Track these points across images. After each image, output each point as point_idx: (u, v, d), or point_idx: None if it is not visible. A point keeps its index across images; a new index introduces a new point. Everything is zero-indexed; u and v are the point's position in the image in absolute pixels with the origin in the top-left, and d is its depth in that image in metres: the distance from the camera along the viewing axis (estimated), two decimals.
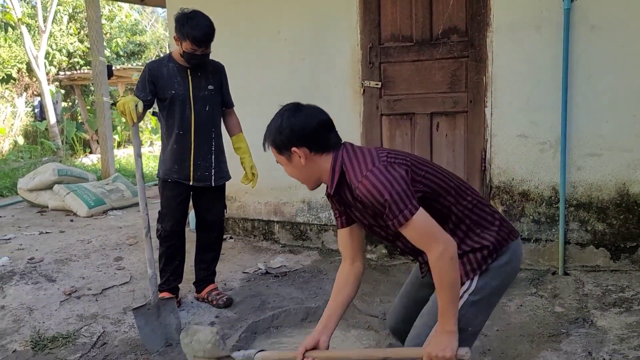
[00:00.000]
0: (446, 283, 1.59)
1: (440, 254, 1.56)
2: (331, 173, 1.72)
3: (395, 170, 1.62)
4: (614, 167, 3.39)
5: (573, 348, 2.57)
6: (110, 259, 4.16)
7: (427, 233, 1.59)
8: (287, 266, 4.00)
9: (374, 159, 1.66)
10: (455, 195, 1.72)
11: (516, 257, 1.76)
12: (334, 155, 1.73)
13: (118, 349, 2.79)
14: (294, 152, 1.73)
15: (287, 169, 1.82)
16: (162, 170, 3.16)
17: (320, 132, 1.73)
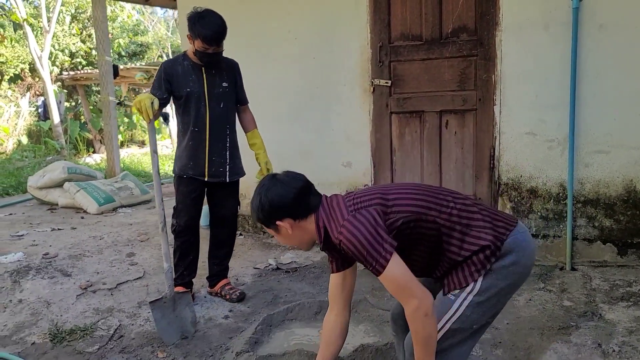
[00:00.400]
0: (420, 338, 1.63)
1: (415, 309, 1.59)
2: (317, 232, 1.78)
3: (363, 216, 1.66)
4: (621, 164, 3.44)
5: (583, 340, 2.62)
6: (123, 254, 4.21)
7: (400, 286, 1.62)
8: (298, 262, 4.05)
9: (343, 211, 1.71)
10: (436, 207, 1.73)
11: (526, 253, 1.74)
12: (316, 215, 1.78)
13: (135, 342, 2.85)
14: (279, 225, 1.79)
15: (279, 238, 1.88)
16: (177, 167, 3.21)
17: (299, 200, 1.78)
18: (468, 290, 1.70)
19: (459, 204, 1.75)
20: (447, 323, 1.71)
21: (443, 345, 1.72)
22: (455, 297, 1.72)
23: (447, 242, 1.72)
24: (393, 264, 1.60)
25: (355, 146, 4.19)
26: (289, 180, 1.82)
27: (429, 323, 1.61)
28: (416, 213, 1.71)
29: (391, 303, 3.17)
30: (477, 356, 2.60)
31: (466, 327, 1.71)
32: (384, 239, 1.62)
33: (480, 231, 1.70)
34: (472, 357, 2.56)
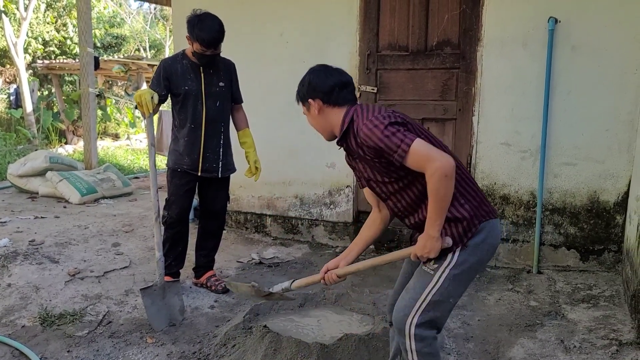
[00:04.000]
0: (435, 195, 1.77)
1: (436, 168, 1.74)
2: (341, 124, 1.97)
3: (397, 117, 1.87)
4: (587, 176, 3.70)
5: (547, 336, 2.85)
6: (109, 244, 4.27)
7: (424, 155, 1.77)
8: (280, 257, 4.18)
9: (381, 110, 1.91)
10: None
11: (492, 235, 1.92)
12: (347, 110, 1.97)
13: (123, 327, 2.94)
14: (310, 102, 2.02)
15: (308, 118, 2.09)
16: (171, 160, 3.31)
17: (334, 88, 1.98)
18: (445, 264, 1.87)
19: (463, 175, 1.92)
20: (430, 294, 1.88)
21: (426, 317, 1.89)
22: (434, 272, 1.88)
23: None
24: (417, 142, 1.76)
25: (340, 148, 4.32)
26: (334, 71, 2.04)
27: (446, 183, 1.75)
28: None
29: (370, 298, 3.35)
30: (451, 349, 2.79)
31: (444, 299, 1.89)
32: (408, 131, 1.80)
33: (465, 204, 1.88)
34: (445, 349, 2.76)
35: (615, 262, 3.71)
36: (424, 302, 1.89)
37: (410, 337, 1.90)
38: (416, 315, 1.89)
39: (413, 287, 1.93)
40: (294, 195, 4.59)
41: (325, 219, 4.51)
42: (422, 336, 1.90)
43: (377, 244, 4.32)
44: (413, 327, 1.89)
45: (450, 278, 1.87)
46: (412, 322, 1.89)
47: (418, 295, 1.89)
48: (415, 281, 1.94)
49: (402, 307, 1.93)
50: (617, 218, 3.66)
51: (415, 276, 1.94)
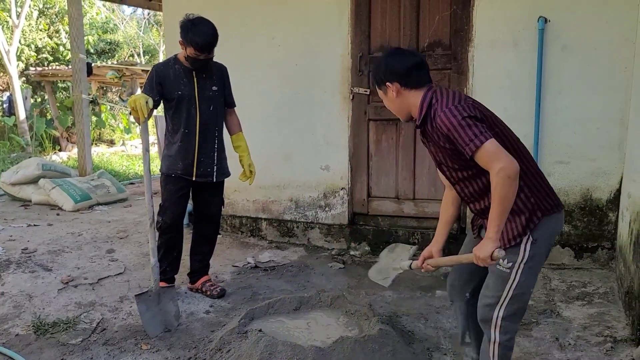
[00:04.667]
0: (498, 196, 1.82)
1: (499, 170, 1.80)
2: (420, 107, 2.01)
3: (475, 110, 1.90)
4: (580, 174, 3.72)
5: (542, 334, 2.85)
6: (103, 251, 4.25)
7: (493, 154, 1.82)
8: (275, 261, 4.17)
9: (461, 100, 1.94)
10: (519, 155, 1.93)
11: (557, 228, 2.04)
12: (424, 93, 2.00)
13: (118, 334, 2.92)
14: (388, 86, 2.05)
15: (385, 101, 2.16)
16: (165, 166, 3.30)
17: (411, 71, 2.02)
18: (519, 261, 1.96)
19: (532, 168, 1.98)
20: (510, 291, 1.98)
21: (511, 310, 2.00)
22: (509, 270, 1.97)
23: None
24: (489, 143, 1.81)
25: (334, 150, 4.36)
26: (408, 53, 2.10)
27: (509, 184, 1.80)
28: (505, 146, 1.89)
29: (366, 300, 3.35)
30: (447, 349, 2.79)
31: (525, 290, 2.00)
32: (486, 129, 1.84)
33: (532, 196, 1.94)
34: (442, 349, 2.76)
35: (609, 259, 3.72)
36: (507, 297, 1.99)
37: (496, 328, 2.02)
38: (502, 309, 2.00)
39: (493, 286, 2.02)
40: (289, 199, 4.59)
41: (321, 221, 4.50)
42: (507, 329, 2.02)
43: (373, 246, 4.32)
44: (500, 320, 2.01)
45: (526, 272, 1.97)
46: (499, 315, 2.01)
47: (500, 292, 2.00)
48: (493, 280, 2.03)
49: (485, 304, 2.04)
50: (610, 215, 3.68)
51: (492, 276, 2.04)
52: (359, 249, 4.37)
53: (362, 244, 4.36)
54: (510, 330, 2.04)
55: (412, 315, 3.12)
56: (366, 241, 4.35)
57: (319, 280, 3.76)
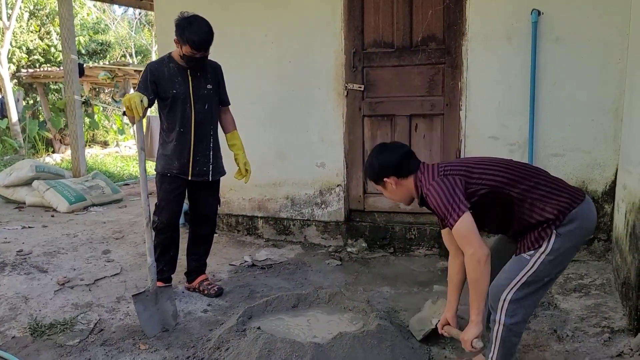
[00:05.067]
0: (471, 280, 2.05)
1: (470, 255, 2.02)
2: (416, 190, 2.27)
3: (448, 181, 2.11)
4: (575, 166, 3.73)
5: (540, 327, 2.85)
6: (99, 252, 4.23)
7: (464, 237, 2.04)
8: (272, 259, 4.16)
9: (434, 173, 2.18)
10: (512, 183, 2.10)
11: (587, 220, 2.09)
12: (415, 176, 2.26)
13: (116, 335, 2.89)
14: (385, 181, 2.30)
15: (385, 193, 2.38)
16: (160, 165, 3.28)
17: (402, 162, 2.28)
18: (541, 251, 2.06)
19: (532, 181, 2.10)
20: (524, 277, 2.06)
21: (520, 294, 2.07)
22: (530, 257, 2.07)
23: (519, 210, 2.10)
24: (463, 220, 2.02)
25: (329, 147, 4.35)
26: (394, 147, 2.35)
27: (479, 269, 2.01)
28: (494, 187, 2.11)
29: (364, 296, 3.35)
30: (445, 342, 2.79)
31: (539, 279, 2.08)
32: (460, 201, 2.05)
33: (547, 205, 2.05)
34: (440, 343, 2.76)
35: (605, 251, 3.73)
36: (519, 282, 2.07)
37: (502, 310, 2.09)
38: (511, 292, 2.07)
39: (509, 269, 2.11)
40: (285, 196, 4.58)
41: (317, 218, 4.50)
42: (513, 312, 2.08)
43: (370, 243, 4.32)
44: (507, 303, 2.08)
45: (545, 263, 2.05)
46: (507, 297, 2.08)
47: (513, 276, 2.08)
48: (511, 264, 2.12)
49: (498, 285, 2.11)
50: (606, 207, 3.69)
51: (513, 260, 2.13)
52: (355, 245, 4.37)
53: (359, 240, 4.36)
54: (517, 315, 2.09)
55: (410, 310, 3.11)
56: (363, 238, 4.35)
57: (317, 278, 3.76)
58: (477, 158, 2.29)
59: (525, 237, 2.13)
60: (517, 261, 2.11)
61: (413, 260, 4.08)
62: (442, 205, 2.06)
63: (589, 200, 2.11)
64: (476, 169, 2.15)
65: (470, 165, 2.18)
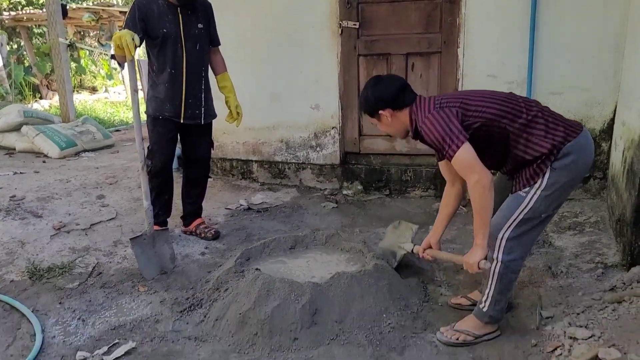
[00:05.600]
0: (477, 207, 2.01)
1: (475, 182, 1.97)
2: (410, 123, 2.23)
3: (445, 113, 2.06)
4: (573, 104, 3.67)
5: (535, 264, 2.89)
6: (93, 197, 4.20)
7: (467, 165, 2.00)
8: (268, 202, 4.15)
9: (430, 106, 2.13)
10: (510, 117, 2.06)
11: (583, 153, 2.05)
12: (410, 109, 2.21)
13: (115, 278, 2.92)
14: (381, 114, 2.25)
15: (380, 126, 2.34)
16: (152, 108, 3.19)
17: (398, 95, 2.21)
18: (536, 187, 2.04)
19: (530, 116, 2.05)
20: (520, 214, 2.06)
21: (517, 232, 2.08)
22: (525, 194, 2.06)
23: (514, 146, 2.07)
24: (463, 149, 1.99)
25: (323, 89, 4.25)
26: (389, 80, 2.28)
27: (485, 195, 1.98)
28: (491, 120, 2.07)
29: (360, 237, 3.37)
30: (441, 281, 2.83)
31: (536, 216, 2.07)
32: (459, 131, 2.01)
33: (541, 140, 2.02)
34: (436, 281, 2.80)
35: (600, 189, 3.75)
36: (515, 220, 2.07)
37: (500, 248, 2.10)
38: (508, 230, 2.08)
39: (507, 207, 2.10)
40: (279, 140, 4.52)
41: (312, 162, 4.46)
42: (510, 250, 2.10)
43: (366, 185, 4.31)
44: (504, 240, 2.09)
45: (541, 199, 2.04)
46: (504, 235, 2.09)
47: (511, 213, 2.08)
48: (508, 202, 2.11)
49: (495, 223, 2.10)
50: (603, 145, 3.67)
51: (509, 198, 2.13)
52: (351, 188, 4.36)
53: (355, 183, 4.34)
54: (514, 252, 2.11)
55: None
56: (359, 180, 4.33)
57: (313, 220, 3.77)
58: (475, 91, 2.22)
59: (520, 174, 2.11)
60: (513, 199, 2.10)
61: (409, 202, 4.09)
62: (440, 136, 2.03)
63: (586, 133, 2.08)
64: (473, 102, 2.11)
65: (467, 98, 2.13)
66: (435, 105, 2.13)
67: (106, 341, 2.32)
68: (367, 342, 2.27)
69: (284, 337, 2.30)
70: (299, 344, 2.28)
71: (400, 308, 2.52)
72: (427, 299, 2.66)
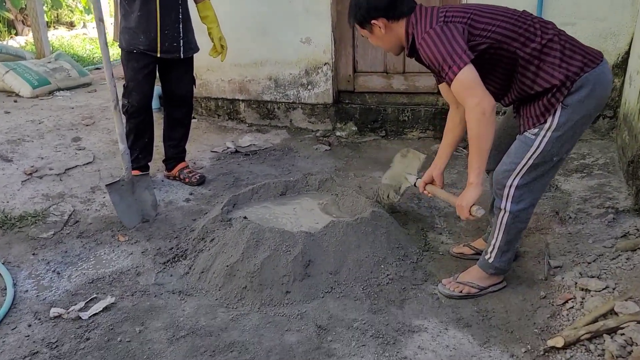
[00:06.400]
0: (474, 135, 1.76)
1: (474, 105, 1.71)
2: (406, 37, 1.92)
3: (449, 30, 1.76)
4: (587, 36, 3.38)
5: (542, 209, 2.73)
6: (68, 139, 3.95)
7: (467, 87, 1.73)
8: (257, 145, 3.94)
9: (432, 20, 1.81)
10: (522, 40, 1.79)
11: (600, 86, 1.79)
12: (407, 20, 1.90)
13: (92, 226, 2.73)
14: (373, 24, 1.94)
15: (372, 39, 2.03)
16: (125, 40, 2.91)
17: (394, 1, 1.89)
18: (546, 127, 1.81)
19: (544, 40, 1.79)
20: (530, 159, 1.85)
21: (527, 179, 1.87)
22: (535, 136, 1.83)
23: (522, 74, 1.82)
24: (465, 70, 1.71)
25: (314, 20, 3.93)
26: None
27: (484, 121, 1.73)
28: (499, 41, 1.80)
29: (355, 182, 3.18)
30: (442, 228, 2.67)
31: (547, 160, 1.85)
32: (463, 50, 1.73)
33: (555, 69, 1.77)
34: (437, 228, 2.63)
35: (609, 129, 3.54)
36: (525, 165, 1.86)
37: (508, 198, 1.91)
38: (517, 177, 1.88)
39: (515, 152, 1.89)
40: (268, 77, 4.23)
41: (303, 101, 4.20)
42: (520, 199, 1.90)
43: (360, 126, 4.08)
44: (513, 189, 1.89)
45: (552, 140, 1.82)
46: (513, 183, 1.89)
47: (519, 159, 1.86)
48: (516, 146, 1.89)
49: (502, 170, 1.91)
50: (615, 81, 3.43)
51: (517, 141, 1.90)
52: (345, 129, 4.13)
53: (349, 124, 4.11)
54: (523, 200, 1.91)
55: (404, 196, 2.95)
56: (353, 121, 4.09)
57: (305, 164, 3.57)
58: (485, 6, 1.88)
59: (526, 110, 1.86)
60: (521, 142, 1.87)
61: (406, 144, 3.88)
62: (440, 55, 1.75)
63: (605, 64, 1.81)
64: (482, 18, 1.82)
65: (476, 13, 1.83)
66: (439, 18, 1.82)
67: (83, 296, 2.16)
68: (364, 294, 2.13)
69: (275, 290, 2.15)
70: (291, 297, 2.13)
71: (399, 258, 2.38)
72: (427, 248, 2.51)
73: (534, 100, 1.83)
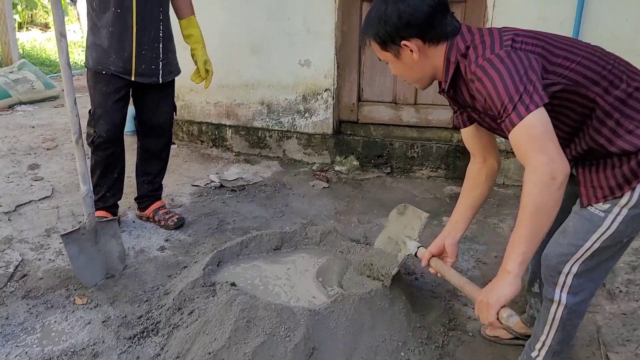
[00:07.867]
0: (532, 205, 1.28)
1: (543, 164, 1.26)
2: (445, 64, 1.48)
3: (518, 57, 1.33)
4: None
5: None
6: (23, 166, 3.55)
7: (536, 139, 1.28)
8: (245, 178, 3.57)
9: (495, 43, 1.38)
10: (605, 84, 1.40)
11: None
12: (449, 44, 1.47)
13: (43, 282, 2.29)
14: (404, 45, 1.48)
15: (394, 66, 1.57)
16: (93, 59, 2.48)
17: (436, 16, 1.44)
18: (622, 204, 1.42)
19: (631, 88, 1.40)
20: (596, 242, 1.47)
21: (590, 264, 1.51)
22: (605, 213, 1.45)
23: (595, 128, 1.43)
24: (538, 114, 1.28)
25: (316, 41, 3.62)
26: None
27: (552, 190, 1.27)
28: (578, 84, 1.40)
29: (360, 230, 2.78)
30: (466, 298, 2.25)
31: (616, 242, 1.50)
32: (536, 87, 1.30)
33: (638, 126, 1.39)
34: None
35: None
36: (589, 250, 1.49)
37: (564, 288, 1.55)
38: (577, 263, 1.51)
39: (574, 231, 1.51)
40: (260, 102, 3.89)
41: (299, 130, 3.85)
42: (579, 289, 1.55)
43: (363, 160, 3.70)
44: (571, 277, 1.53)
45: (628, 220, 1.44)
46: (571, 270, 1.52)
47: (581, 241, 1.49)
48: (576, 223, 1.51)
49: (557, 254, 1.54)
50: None
51: (577, 217, 1.52)
52: (345, 163, 3.77)
53: (350, 157, 3.76)
54: (583, 291, 1.56)
55: None
56: (354, 154, 3.75)
57: (300, 204, 3.17)
58: (556, 36, 1.46)
59: (594, 177, 1.45)
60: (584, 219, 1.48)
61: (414, 184, 3.50)
62: (504, 89, 1.30)
63: None
64: (559, 50, 1.40)
65: (550, 43, 1.41)
66: (504, 41, 1.37)
67: None
68: None
69: None
70: None
71: (422, 342, 1.99)
72: (452, 326, 2.10)
73: (605, 165, 1.43)
